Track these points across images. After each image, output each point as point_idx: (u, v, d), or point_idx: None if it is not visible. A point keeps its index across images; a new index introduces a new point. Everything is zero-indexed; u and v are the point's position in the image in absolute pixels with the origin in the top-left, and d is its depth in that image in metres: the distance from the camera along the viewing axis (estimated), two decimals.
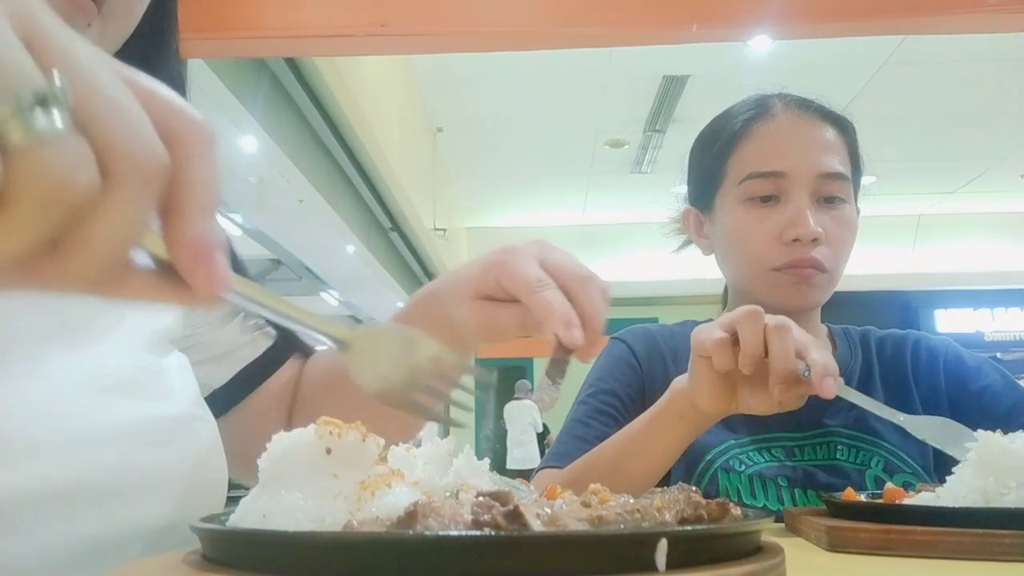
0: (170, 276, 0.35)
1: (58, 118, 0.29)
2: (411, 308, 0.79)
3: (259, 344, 0.85)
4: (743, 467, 1.08)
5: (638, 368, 1.17)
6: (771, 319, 0.83)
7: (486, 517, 0.37)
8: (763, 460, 1.09)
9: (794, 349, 0.82)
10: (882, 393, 1.16)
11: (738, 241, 1.14)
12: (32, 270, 0.32)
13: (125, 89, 0.32)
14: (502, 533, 0.36)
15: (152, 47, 0.74)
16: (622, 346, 1.21)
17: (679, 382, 0.93)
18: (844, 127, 1.17)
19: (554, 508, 0.41)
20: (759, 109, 1.17)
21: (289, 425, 0.68)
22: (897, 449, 1.08)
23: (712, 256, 1.23)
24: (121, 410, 0.58)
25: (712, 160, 1.18)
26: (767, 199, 1.11)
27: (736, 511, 0.44)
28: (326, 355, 0.89)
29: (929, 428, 0.86)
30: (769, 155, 1.12)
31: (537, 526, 0.37)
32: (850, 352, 1.21)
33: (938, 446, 0.86)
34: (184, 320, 0.75)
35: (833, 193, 1.12)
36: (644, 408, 1.04)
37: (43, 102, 0.29)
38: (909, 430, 0.87)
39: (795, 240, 1.08)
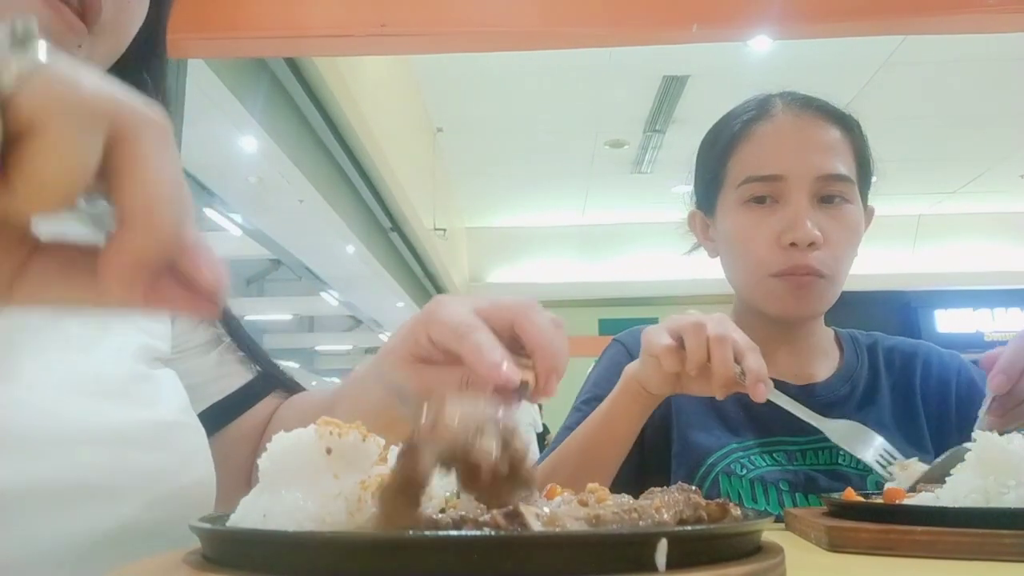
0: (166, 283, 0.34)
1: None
2: (338, 397, 0.75)
3: (236, 379, 0.82)
4: (744, 471, 1.07)
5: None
6: (712, 330, 0.90)
7: (486, 517, 0.37)
8: (764, 464, 1.08)
9: (733, 356, 0.90)
10: (889, 405, 1.16)
11: (736, 244, 1.14)
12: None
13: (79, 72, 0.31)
14: (502, 533, 0.36)
15: (143, 62, 0.74)
16: (620, 349, 1.20)
17: (631, 368, 1.01)
18: (848, 126, 1.15)
19: (553, 508, 0.41)
20: (759, 110, 1.15)
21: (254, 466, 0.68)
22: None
23: (718, 258, 1.22)
24: (111, 414, 0.59)
25: (713, 163, 1.18)
26: (761, 200, 1.10)
27: (736, 511, 0.44)
28: (306, 396, 0.85)
29: (840, 431, 0.97)
30: (767, 158, 1.11)
31: (537, 526, 0.37)
32: (856, 358, 1.20)
33: (847, 448, 0.96)
34: (172, 342, 0.75)
35: (834, 193, 1.10)
36: (643, 444, 1.06)
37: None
38: (826, 433, 0.96)
39: (792, 244, 1.07)
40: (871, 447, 0.95)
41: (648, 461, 1.11)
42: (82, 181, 0.30)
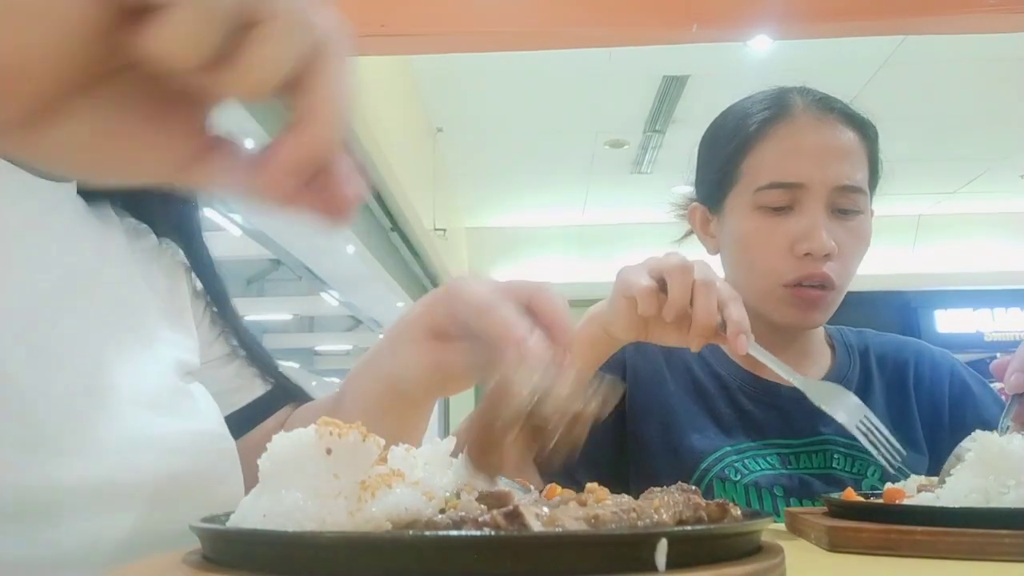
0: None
1: None
2: (340, 397, 0.77)
3: (251, 391, 0.83)
4: (739, 476, 1.06)
5: (620, 381, 1.15)
6: (699, 274, 0.85)
7: (485, 517, 0.37)
8: (759, 468, 1.07)
9: (716, 306, 0.85)
10: (883, 406, 1.14)
11: (747, 249, 1.10)
12: (207, 80, 0.33)
13: None
14: (502, 533, 0.36)
15: None
16: (618, 354, 1.17)
17: (594, 309, 0.96)
18: (866, 132, 1.13)
19: (553, 508, 0.41)
20: (777, 108, 1.11)
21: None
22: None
23: (716, 255, 1.20)
24: (157, 423, 0.61)
25: (725, 160, 1.13)
26: (780, 209, 1.07)
27: (736, 511, 0.44)
28: (313, 405, 0.86)
29: (820, 391, 0.92)
30: (786, 163, 1.07)
31: (537, 526, 0.37)
32: (848, 358, 1.19)
33: (826, 409, 0.90)
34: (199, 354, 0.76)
35: (849, 206, 1.08)
36: (622, 420, 1.07)
37: None
38: (805, 392, 0.91)
39: (807, 254, 1.05)
40: (847, 408, 0.91)
41: (632, 458, 1.10)
42: (283, 74, 0.34)
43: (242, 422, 0.81)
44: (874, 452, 0.88)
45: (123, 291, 0.68)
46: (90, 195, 0.71)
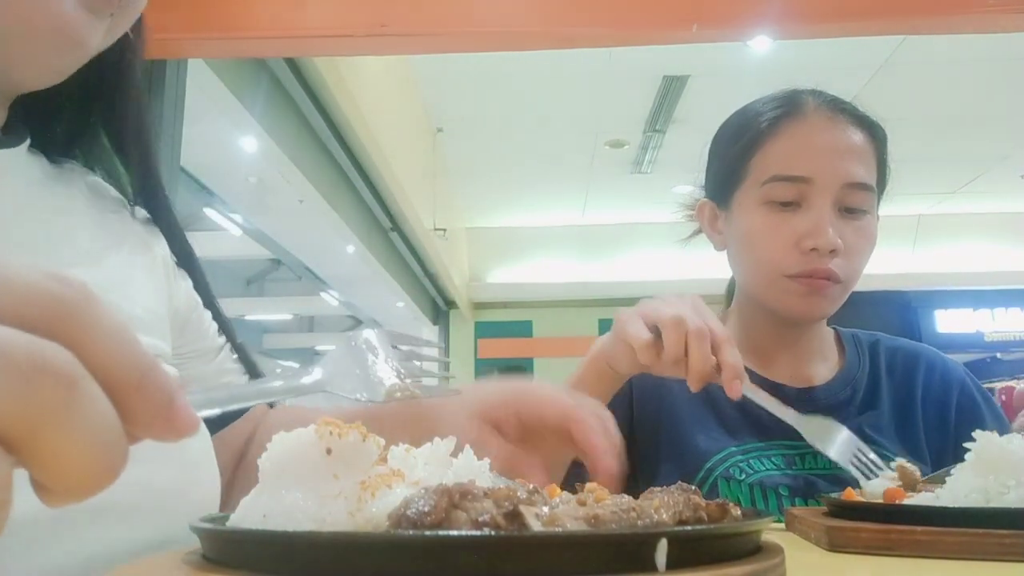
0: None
1: None
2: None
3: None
4: (744, 476, 1.06)
5: (628, 403, 1.13)
6: (691, 323, 0.88)
7: (485, 517, 0.37)
8: (763, 468, 1.07)
9: (710, 350, 0.88)
10: (888, 410, 1.14)
11: (753, 244, 1.11)
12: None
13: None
14: (502, 533, 0.36)
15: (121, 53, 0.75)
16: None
17: (600, 345, 0.99)
18: (876, 134, 1.14)
19: (553, 508, 0.41)
20: (789, 107, 1.12)
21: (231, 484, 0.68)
22: (897, 458, 1.07)
23: (722, 254, 1.21)
24: None
25: (734, 157, 1.14)
26: (788, 204, 1.08)
27: (736, 512, 0.44)
28: (291, 412, 0.86)
29: (813, 429, 0.96)
30: (795, 158, 1.08)
31: (536, 526, 0.37)
32: (858, 360, 1.19)
33: (819, 447, 0.94)
34: (178, 345, 0.75)
35: (856, 205, 1.08)
36: (632, 444, 1.05)
37: None
38: (800, 431, 0.95)
39: (812, 249, 1.05)
40: (839, 443, 0.94)
41: (639, 460, 1.10)
42: None
43: (222, 417, 0.80)
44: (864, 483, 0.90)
45: (85, 257, 0.65)
46: (51, 152, 0.70)
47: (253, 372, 0.85)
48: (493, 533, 0.36)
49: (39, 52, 0.61)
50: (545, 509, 0.39)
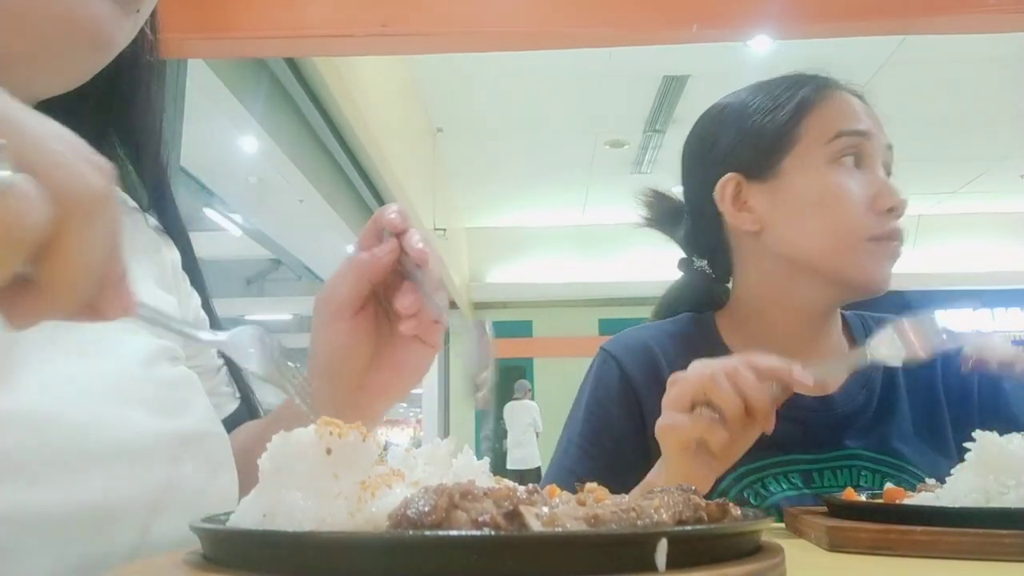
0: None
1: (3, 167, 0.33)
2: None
3: (227, 406, 0.82)
4: (759, 499, 0.99)
5: (635, 397, 1.04)
6: (723, 372, 0.76)
7: (485, 517, 0.37)
8: (780, 489, 1.00)
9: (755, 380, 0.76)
10: (908, 412, 1.07)
11: (826, 206, 1.02)
12: (10, 305, 0.36)
13: (58, 140, 0.36)
14: (502, 533, 0.36)
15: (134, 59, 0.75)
16: (611, 366, 1.08)
17: (661, 478, 0.82)
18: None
19: (552, 508, 0.41)
20: (818, 83, 1.11)
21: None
22: (924, 474, 0.96)
23: (755, 229, 1.07)
24: (139, 425, 0.57)
25: (780, 123, 1.06)
26: (854, 156, 1.04)
27: (736, 511, 0.44)
28: (252, 425, 0.85)
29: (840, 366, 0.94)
30: (855, 114, 1.06)
31: (536, 526, 0.37)
32: None
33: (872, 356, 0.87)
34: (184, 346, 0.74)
35: (890, 168, 1.07)
36: (643, 435, 0.98)
37: None
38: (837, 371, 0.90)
39: (890, 209, 1.01)
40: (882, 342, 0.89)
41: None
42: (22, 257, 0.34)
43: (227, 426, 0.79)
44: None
45: None
46: None
47: (246, 396, 0.84)
48: (493, 533, 0.36)
49: (71, 52, 0.60)
50: (545, 509, 0.39)
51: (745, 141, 1.08)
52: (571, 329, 10.96)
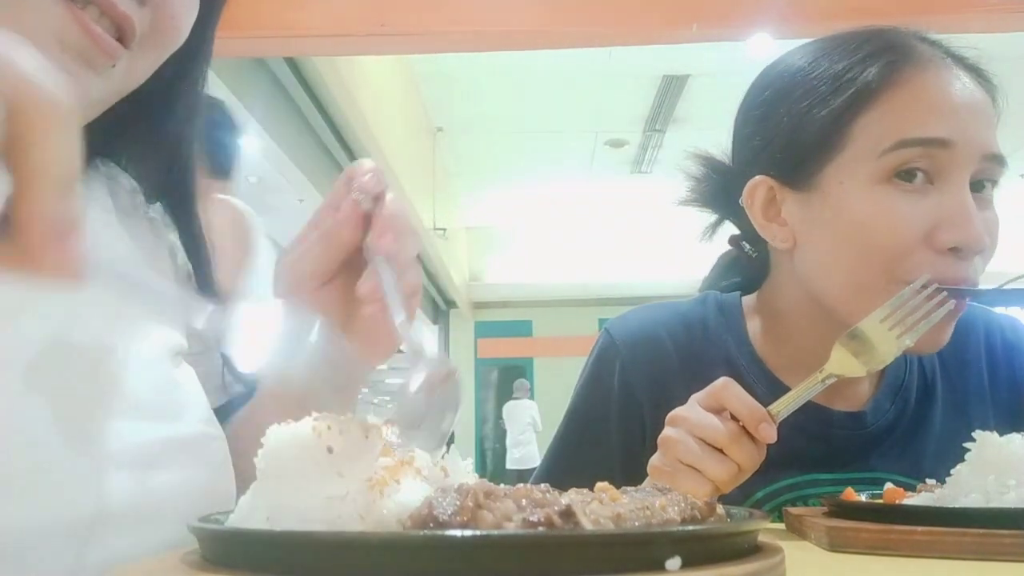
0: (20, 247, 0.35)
1: None
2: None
3: (214, 397, 0.79)
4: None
5: (637, 402, 0.93)
6: (694, 423, 0.71)
7: (539, 516, 0.37)
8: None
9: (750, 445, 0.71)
10: (940, 418, 0.92)
11: (864, 235, 0.79)
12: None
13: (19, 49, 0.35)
14: (506, 532, 0.36)
15: (184, 65, 0.74)
16: (612, 362, 0.96)
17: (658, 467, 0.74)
18: (994, 95, 0.91)
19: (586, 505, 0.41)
20: (896, 53, 0.84)
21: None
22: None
23: (787, 246, 0.87)
24: (135, 435, 0.56)
25: (827, 120, 0.82)
26: (912, 175, 0.78)
27: (720, 510, 0.45)
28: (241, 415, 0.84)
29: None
30: (928, 114, 0.80)
31: (588, 525, 0.38)
32: (904, 362, 0.93)
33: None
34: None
35: (991, 180, 0.84)
36: (641, 435, 0.89)
37: None
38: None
39: (953, 249, 0.77)
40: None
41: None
42: None
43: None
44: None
45: (107, 253, 0.62)
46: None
47: (233, 374, 0.83)
48: (496, 532, 0.36)
49: None
50: (595, 506, 0.40)
51: (781, 136, 0.86)
52: (571, 329, 10.96)
